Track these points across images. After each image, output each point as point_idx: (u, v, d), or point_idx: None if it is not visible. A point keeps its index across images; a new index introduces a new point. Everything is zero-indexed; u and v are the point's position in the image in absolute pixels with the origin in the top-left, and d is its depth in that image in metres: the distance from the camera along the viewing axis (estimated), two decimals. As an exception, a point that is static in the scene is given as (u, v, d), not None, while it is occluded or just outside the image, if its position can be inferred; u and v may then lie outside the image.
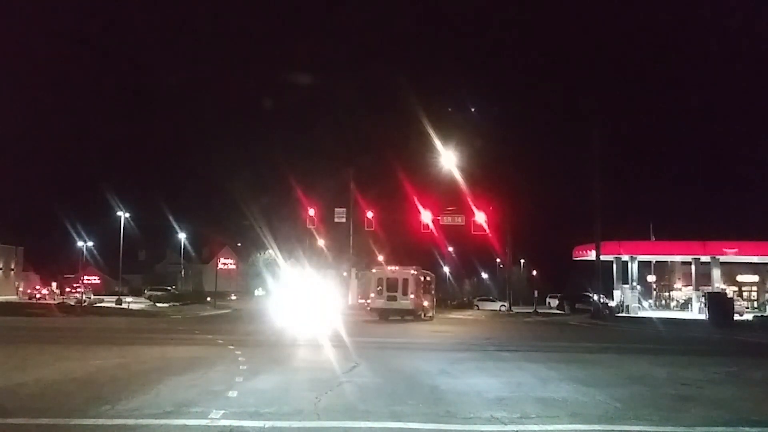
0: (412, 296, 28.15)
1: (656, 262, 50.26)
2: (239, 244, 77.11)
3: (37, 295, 56.54)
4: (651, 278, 50.53)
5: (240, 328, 21.66)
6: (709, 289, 41.12)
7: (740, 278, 50.40)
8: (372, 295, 29.67)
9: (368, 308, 30.18)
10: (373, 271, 32.59)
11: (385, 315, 27.85)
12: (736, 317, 32.91)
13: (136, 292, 56.11)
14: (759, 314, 38.58)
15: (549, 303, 52.22)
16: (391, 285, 28.29)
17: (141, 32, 76.01)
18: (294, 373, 10.13)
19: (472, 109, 38.44)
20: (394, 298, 27.92)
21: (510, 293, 51.57)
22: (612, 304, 42.31)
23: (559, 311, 45.74)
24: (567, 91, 79.03)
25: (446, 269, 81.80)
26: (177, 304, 45.40)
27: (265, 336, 18.08)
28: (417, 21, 77.24)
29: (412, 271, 29.58)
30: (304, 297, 31.49)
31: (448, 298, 68.30)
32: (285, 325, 20.84)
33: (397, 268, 30.78)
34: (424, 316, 29.42)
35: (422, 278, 30.38)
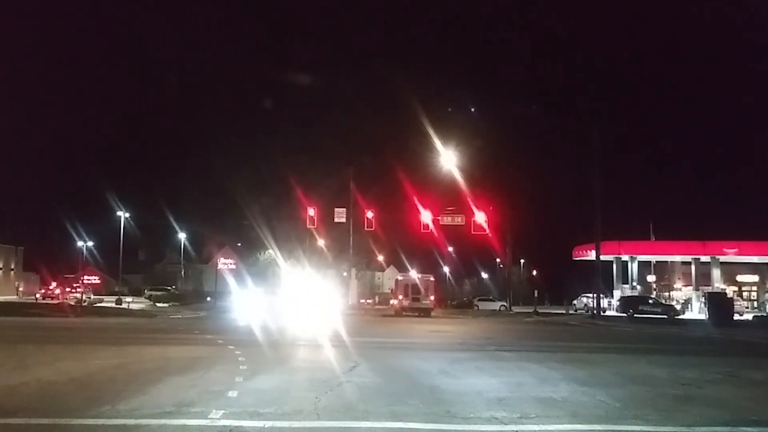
0: (431, 298, 35.69)
1: (656, 262, 50.27)
2: (239, 244, 77.05)
3: (37, 295, 56.50)
4: (651, 278, 50.52)
5: (240, 328, 21.65)
6: (709, 289, 41.14)
7: (740, 278, 50.43)
8: (400, 296, 35.84)
9: (398, 306, 35.72)
10: (399, 277, 39.83)
11: (408, 312, 33.97)
12: (736, 317, 32.93)
13: (136, 292, 56.11)
14: (759, 314, 38.61)
15: (585, 303, 44.39)
16: (415, 289, 35.23)
17: (141, 32, 76.03)
18: (294, 373, 10.12)
19: (472, 109, 38.47)
20: (417, 300, 34.77)
21: (510, 293, 51.55)
22: (678, 306, 40.54)
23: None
24: (567, 91, 79.11)
25: (446, 269, 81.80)
26: (177, 304, 45.45)
27: (265, 336, 18.08)
28: (417, 21, 77.29)
29: (431, 278, 37.57)
30: (302, 297, 31.62)
31: (448, 298, 68.32)
32: (284, 325, 20.86)
33: (419, 276, 38.41)
34: (433, 313, 35.37)
35: (433, 282, 37.51)
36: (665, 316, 35.10)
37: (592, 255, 37.68)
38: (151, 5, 74.86)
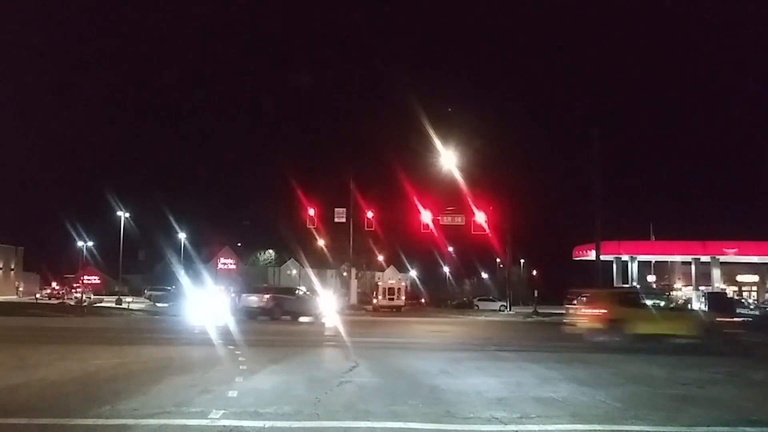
0: (403, 298, 47.35)
1: (656, 262, 50.28)
2: (239, 244, 77.04)
3: (37, 294, 56.42)
4: (651, 278, 50.49)
5: (239, 328, 21.62)
6: (709, 289, 41.11)
7: (740, 278, 50.46)
8: (379, 297, 46.43)
9: (376, 305, 45.48)
10: (379, 282, 51.51)
11: (384, 308, 43.77)
12: (736, 317, 32.74)
13: (136, 292, 56.10)
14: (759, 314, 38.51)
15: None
16: (391, 291, 46.37)
17: (141, 33, 76.04)
18: (294, 373, 10.12)
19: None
20: (392, 299, 45.45)
21: (510, 293, 51.55)
22: None
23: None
24: (568, 91, 79.13)
25: (446, 269, 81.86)
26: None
27: (265, 336, 18.09)
28: (417, 22, 77.28)
29: (403, 282, 53.08)
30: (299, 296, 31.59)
31: (448, 298, 68.34)
32: (285, 325, 20.87)
33: (394, 281, 51.79)
34: (403, 309, 45.57)
35: (404, 285, 51.53)
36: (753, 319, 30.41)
37: (592, 255, 37.60)
38: (150, 5, 74.91)
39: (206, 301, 31.16)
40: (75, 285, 60.92)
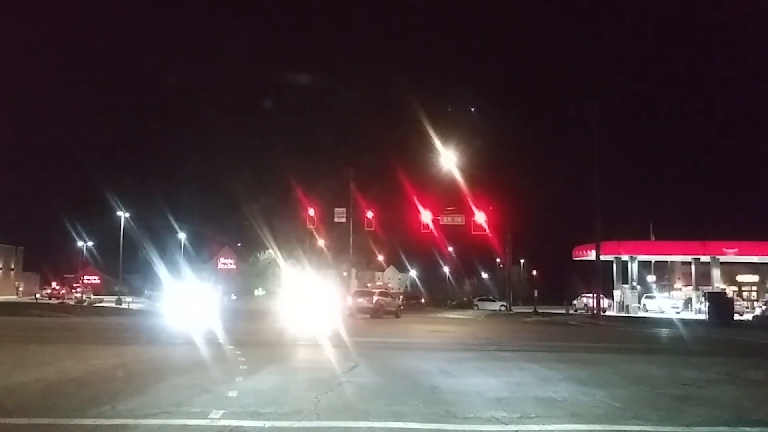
0: (390, 299, 53.40)
1: (656, 262, 50.25)
2: (239, 244, 77.04)
3: (37, 294, 56.38)
4: (651, 278, 50.44)
5: (240, 328, 21.65)
6: (709, 289, 41.06)
7: (740, 278, 50.44)
8: None
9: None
10: (369, 284, 57.05)
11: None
12: (736, 317, 32.90)
13: (136, 292, 56.10)
14: (759, 314, 38.52)
15: (585, 303, 43.35)
16: (382, 294, 49.19)
17: (140, 32, 76.02)
18: (294, 372, 10.12)
19: (472, 109, 38.50)
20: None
21: (510, 293, 51.56)
22: None
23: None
24: (567, 90, 79.11)
25: (446, 269, 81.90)
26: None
27: (265, 336, 18.09)
28: (417, 21, 77.28)
29: (390, 285, 61.71)
30: (301, 297, 31.74)
31: (448, 298, 68.38)
32: (285, 325, 20.87)
33: (381, 282, 60.09)
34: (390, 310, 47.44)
35: (391, 286, 60.94)
36: None
37: (592, 255, 37.59)
38: (150, 4, 74.91)
39: (200, 300, 31.41)
40: (75, 285, 60.91)
